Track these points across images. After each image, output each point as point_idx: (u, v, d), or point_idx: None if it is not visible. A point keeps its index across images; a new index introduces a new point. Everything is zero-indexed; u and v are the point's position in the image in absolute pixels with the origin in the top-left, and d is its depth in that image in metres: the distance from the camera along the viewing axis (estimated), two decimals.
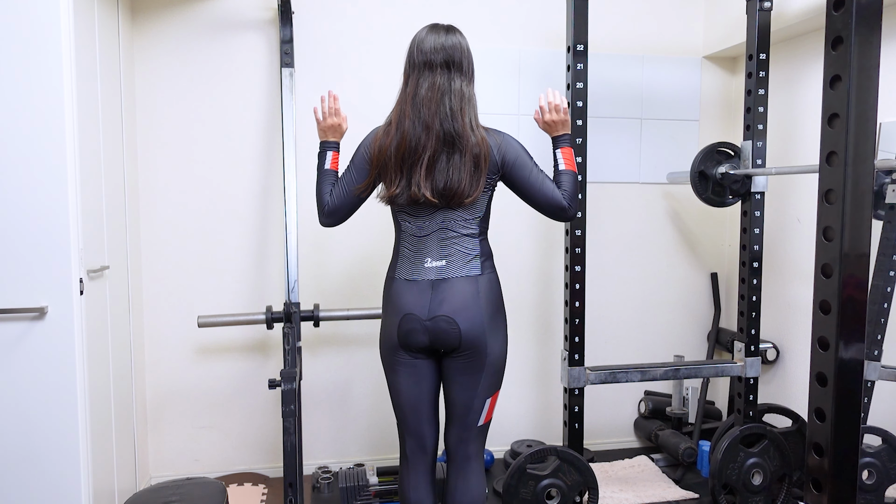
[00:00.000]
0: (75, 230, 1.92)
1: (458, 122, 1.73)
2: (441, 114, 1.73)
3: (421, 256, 1.80)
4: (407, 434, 1.90)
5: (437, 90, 1.74)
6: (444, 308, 1.77)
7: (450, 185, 1.73)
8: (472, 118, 1.77)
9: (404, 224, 1.83)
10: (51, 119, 1.86)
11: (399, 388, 1.87)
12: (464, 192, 1.75)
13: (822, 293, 0.89)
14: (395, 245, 1.87)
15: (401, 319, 1.80)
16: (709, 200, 2.60)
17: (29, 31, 1.84)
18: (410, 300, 1.79)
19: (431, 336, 1.78)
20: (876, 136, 1.55)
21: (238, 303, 2.79)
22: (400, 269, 1.83)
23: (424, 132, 1.73)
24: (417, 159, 1.74)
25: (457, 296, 1.77)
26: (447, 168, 1.73)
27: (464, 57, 1.79)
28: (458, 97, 1.75)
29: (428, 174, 1.74)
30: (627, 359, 3.15)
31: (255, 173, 2.77)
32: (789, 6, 2.55)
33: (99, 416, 2.14)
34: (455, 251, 1.80)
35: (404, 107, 1.77)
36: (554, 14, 2.96)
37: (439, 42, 1.77)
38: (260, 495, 2.65)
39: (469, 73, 1.80)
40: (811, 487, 0.91)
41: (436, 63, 1.75)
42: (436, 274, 1.79)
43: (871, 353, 2.20)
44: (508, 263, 2.98)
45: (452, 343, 1.79)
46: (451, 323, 1.77)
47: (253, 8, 2.72)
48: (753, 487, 2.42)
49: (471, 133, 1.75)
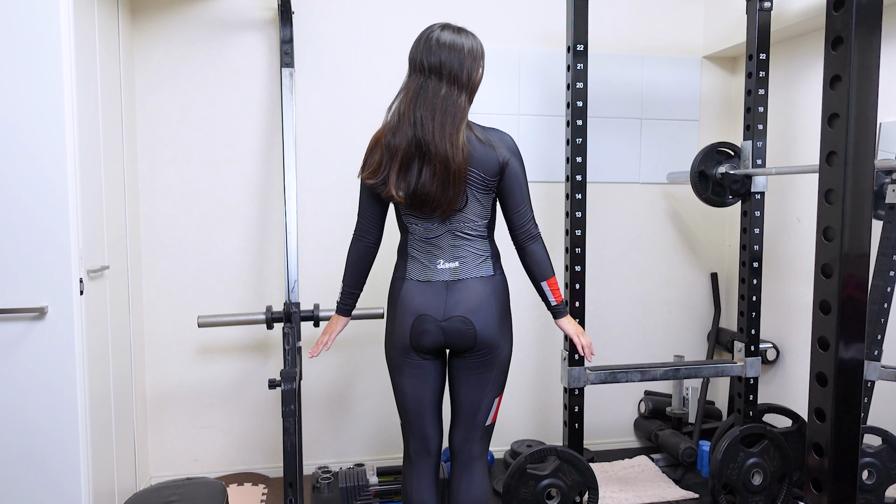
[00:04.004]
0: (75, 230, 1.92)
1: (430, 132, 1.68)
2: (418, 120, 1.69)
3: (433, 258, 1.80)
4: (411, 435, 1.90)
5: (423, 96, 1.71)
6: (461, 308, 1.78)
7: (419, 192, 1.71)
8: (452, 132, 1.69)
9: (412, 227, 1.82)
10: (51, 119, 1.86)
11: (405, 390, 1.86)
12: (436, 203, 1.72)
13: (822, 293, 0.89)
14: (402, 247, 1.86)
15: (414, 320, 1.79)
16: (709, 200, 2.59)
17: (29, 31, 1.84)
18: (425, 301, 1.79)
19: (447, 336, 1.79)
20: (876, 136, 1.55)
21: (238, 303, 2.79)
22: (411, 271, 1.82)
23: (402, 132, 1.71)
24: (392, 156, 1.73)
25: (472, 296, 1.79)
26: (417, 176, 1.71)
27: (464, 68, 1.72)
28: (441, 110, 1.69)
29: (400, 173, 1.73)
30: (627, 359, 3.15)
31: (255, 173, 2.77)
32: (789, 6, 2.55)
33: (99, 416, 2.14)
34: (468, 252, 1.81)
35: (396, 101, 1.77)
36: (554, 14, 2.95)
37: (445, 44, 1.71)
38: (260, 495, 2.65)
39: (467, 86, 1.74)
40: (811, 487, 0.91)
41: (431, 68, 1.71)
42: (450, 275, 1.79)
43: (871, 353, 2.20)
44: (508, 263, 2.96)
45: (467, 343, 1.80)
46: (467, 323, 1.78)
47: (253, 8, 2.72)
48: (753, 487, 2.42)
49: (447, 146, 1.68)
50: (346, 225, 2.82)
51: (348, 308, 1.96)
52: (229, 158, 2.75)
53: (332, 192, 2.82)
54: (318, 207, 2.82)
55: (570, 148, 2.34)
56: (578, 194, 2.35)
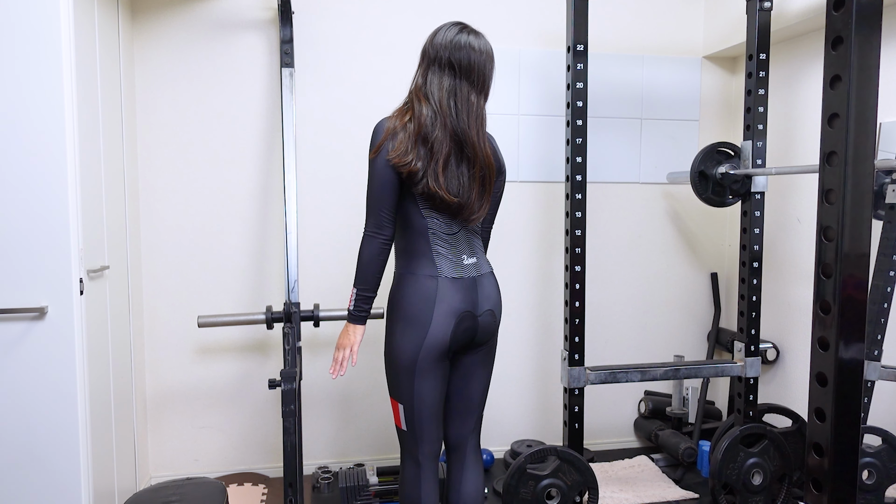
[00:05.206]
0: (75, 230, 1.92)
1: (474, 136, 1.72)
2: (462, 120, 1.71)
3: (458, 254, 1.79)
4: (423, 440, 1.81)
5: (460, 97, 1.71)
6: (489, 303, 1.83)
7: (461, 193, 1.73)
8: (485, 139, 1.77)
9: (431, 222, 1.75)
10: (51, 119, 1.86)
11: (425, 395, 1.76)
12: (470, 210, 1.77)
13: (822, 293, 0.89)
14: (420, 244, 1.76)
15: (458, 319, 1.74)
16: (709, 200, 2.59)
17: (29, 31, 1.84)
18: (463, 298, 1.76)
19: (479, 331, 1.82)
20: (876, 136, 1.55)
21: (238, 303, 2.79)
22: (442, 268, 1.75)
23: (441, 127, 1.68)
24: (433, 150, 1.68)
25: (493, 290, 1.85)
26: (458, 176, 1.72)
27: (485, 73, 1.75)
28: (475, 115, 1.73)
29: (444, 170, 1.70)
30: (627, 359, 3.15)
31: (255, 173, 2.77)
32: (789, 6, 2.55)
33: (99, 416, 2.14)
34: (478, 248, 1.86)
35: (421, 101, 1.71)
36: (554, 14, 2.96)
37: (474, 47, 1.72)
38: (260, 495, 2.65)
39: (486, 92, 1.78)
40: (811, 487, 0.91)
41: (462, 70, 1.71)
42: (475, 270, 1.81)
43: (871, 353, 2.20)
44: (508, 263, 2.98)
45: (489, 336, 1.85)
46: (494, 316, 1.84)
47: (253, 8, 2.72)
48: (753, 487, 2.42)
49: (488, 152, 1.76)
50: (346, 225, 2.82)
51: (365, 315, 1.79)
52: (229, 158, 2.75)
53: (332, 192, 2.82)
54: (318, 207, 2.82)
55: (570, 148, 2.34)
56: (578, 194, 2.35)
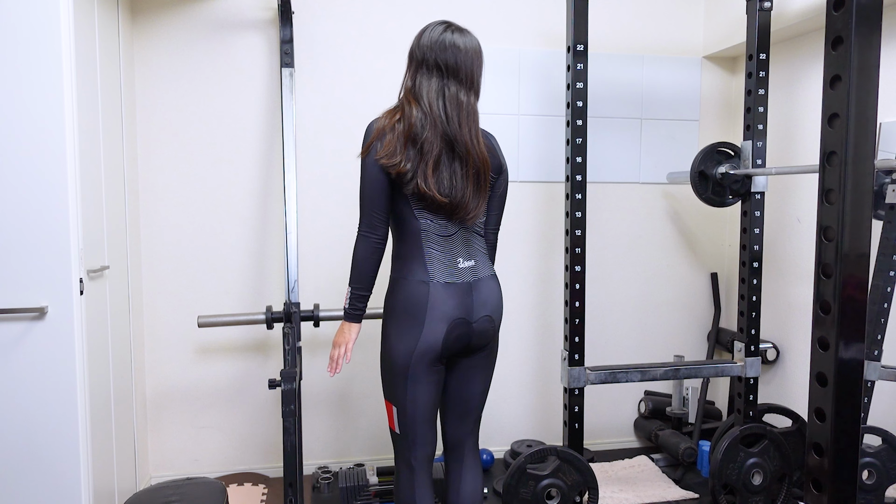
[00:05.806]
0: (75, 230, 1.92)
1: (466, 136, 1.69)
2: (452, 119, 1.68)
3: (452, 257, 1.75)
4: (417, 444, 1.81)
5: (448, 97, 1.69)
6: (487, 308, 1.79)
7: (454, 193, 1.70)
8: (479, 137, 1.73)
9: (425, 223, 1.73)
10: (51, 119, 1.86)
11: (418, 400, 1.76)
12: (466, 209, 1.73)
13: (822, 293, 0.89)
14: (413, 247, 1.75)
15: (450, 326, 1.72)
16: (709, 200, 2.59)
17: (29, 31, 1.84)
18: (456, 304, 1.73)
19: (475, 337, 1.79)
20: (876, 136, 1.55)
21: (238, 303, 2.79)
22: (434, 273, 1.72)
23: (431, 127, 1.67)
24: (423, 151, 1.67)
25: (491, 295, 1.81)
26: (450, 177, 1.70)
27: (473, 71, 1.73)
28: (465, 113, 1.70)
29: (434, 171, 1.68)
30: (627, 359, 3.15)
31: (255, 173, 2.77)
32: (789, 6, 2.55)
33: (99, 416, 2.14)
34: (478, 250, 1.82)
35: (412, 103, 1.70)
36: (554, 14, 2.96)
37: (458, 46, 1.70)
38: (260, 495, 2.65)
39: (477, 89, 1.75)
40: (811, 487, 0.91)
41: (448, 70, 1.69)
42: (471, 275, 1.77)
43: (871, 353, 2.20)
44: (508, 263, 2.98)
45: (486, 341, 1.82)
46: (492, 322, 1.81)
47: (253, 8, 2.72)
48: (753, 487, 2.42)
49: (482, 151, 1.72)
50: (346, 225, 2.82)
51: (360, 314, 1.81)
52: (229, 158, 2.75)
53: (332, 192, 2.82)
54: (318, 207, 2.82)
55: (570, 148, 2.34)
56: (578, 194, 2.35)
